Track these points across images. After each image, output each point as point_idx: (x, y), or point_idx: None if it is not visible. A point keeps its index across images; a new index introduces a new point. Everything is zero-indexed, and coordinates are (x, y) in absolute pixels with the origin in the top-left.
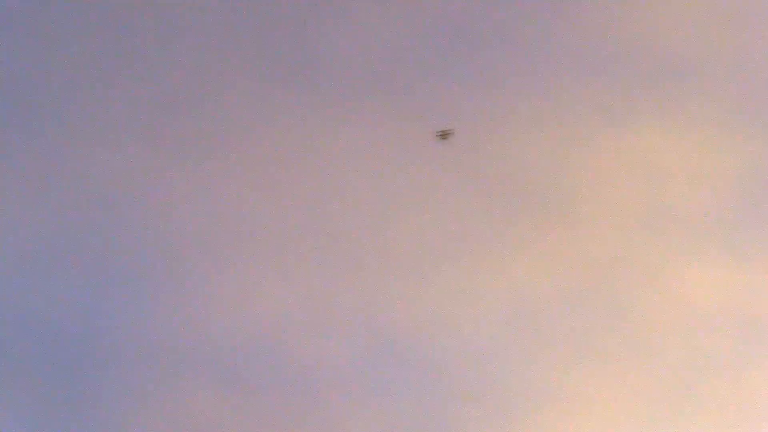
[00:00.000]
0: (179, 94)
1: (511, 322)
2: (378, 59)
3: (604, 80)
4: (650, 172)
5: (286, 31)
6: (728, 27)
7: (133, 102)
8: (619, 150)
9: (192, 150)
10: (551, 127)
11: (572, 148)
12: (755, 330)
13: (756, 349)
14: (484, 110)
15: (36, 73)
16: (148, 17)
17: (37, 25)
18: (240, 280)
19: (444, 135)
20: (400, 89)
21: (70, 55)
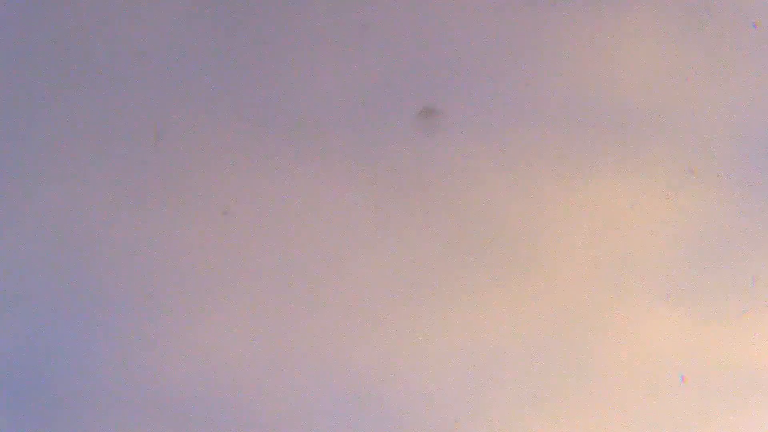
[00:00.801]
0: (144, 143)
1: (474, 367)
2: (344, 108)
3: (568, 131)
4: (613, 223)
5: (254, 78)
6: (688, 81)
7: (99, 148)
8: (582, 201)
9: (153, 195)
10: (515, 177)
11: (536, 198)
12: (717, 382)
13: (717, 402)
14: (452, 157)
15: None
16: (123, 63)
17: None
18: (199, 325)
19: (428, 113)
20: (364, 139)
21: (42, 98)
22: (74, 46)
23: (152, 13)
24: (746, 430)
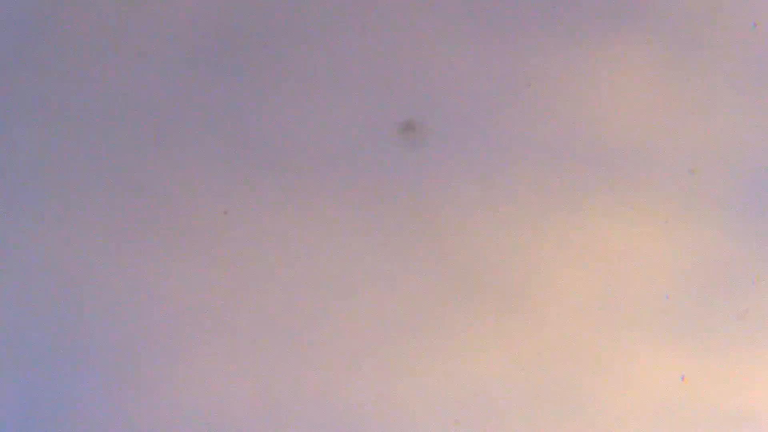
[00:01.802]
0: (140, 185)
1: (467, 407)
2: (342, 143)
3: (557, 168)
4: (604, 260)
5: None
6: (680, 117)
7: (93, 191)
8: (573, 238)
9: (143, 240)
10: (504, 214)
11: (526, 235)
12: (713, 419)
13: None
14: (441, 198)
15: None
16: (120, 97)
17: None
18: (194, 371)
19: (407, 128)
20: (358, 179)
21: (37, 140)
22: (72, 49)
23: (155, 17)
24: None
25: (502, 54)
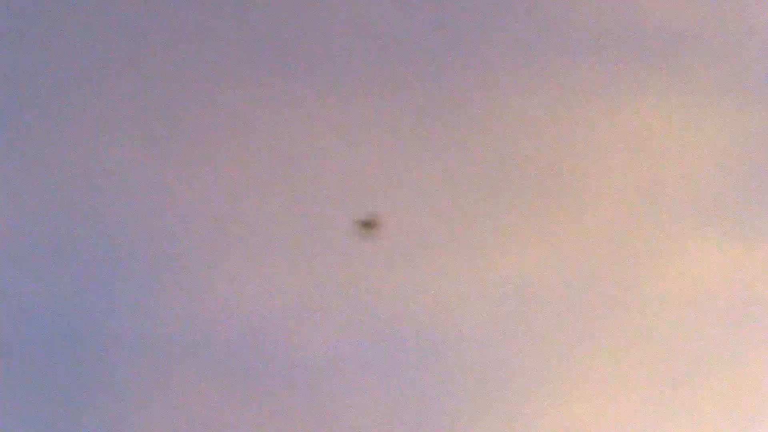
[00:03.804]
0: (171, 92)
1: (511, 305)
2: (375, 48)
3: (598, 57)
4: (650, 150)
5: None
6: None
7: (126, 100)
8: (617, 128)
9: (184, 146)
10: (546, 108)
11: (569, 128)
12: (762, 311)
13: (763, 332)
14: (482, 100)
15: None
16: (137, 28)
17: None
18: (232, 271)
19: (368, 224)
20: (401, 75)
21: (64, 59)
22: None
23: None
24: None
25: None
